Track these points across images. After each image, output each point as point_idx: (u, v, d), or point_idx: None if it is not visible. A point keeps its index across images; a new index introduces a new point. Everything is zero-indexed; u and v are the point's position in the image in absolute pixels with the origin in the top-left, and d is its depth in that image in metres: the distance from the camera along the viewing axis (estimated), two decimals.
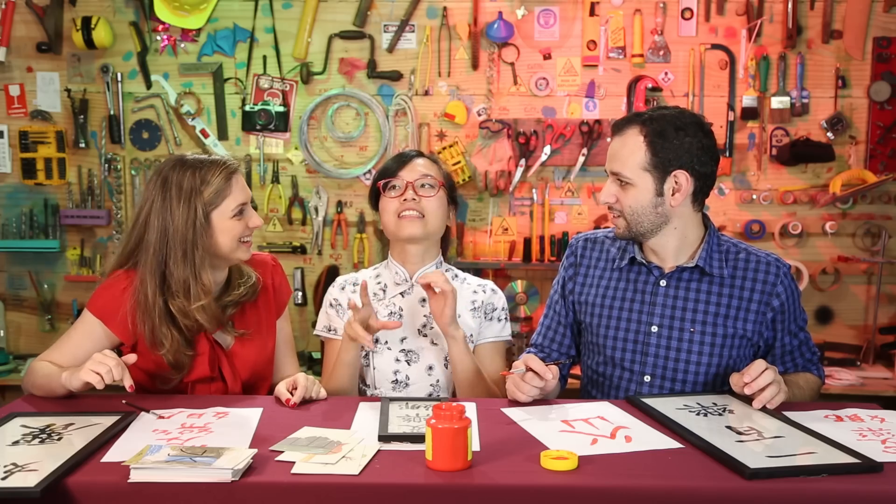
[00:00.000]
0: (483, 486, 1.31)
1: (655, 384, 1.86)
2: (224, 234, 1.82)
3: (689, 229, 1.86)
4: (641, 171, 1.78)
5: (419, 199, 1.96)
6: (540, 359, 1.72)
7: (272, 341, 1.98)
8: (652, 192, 1.79)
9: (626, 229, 1.84)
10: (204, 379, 1.85)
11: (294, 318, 3.22)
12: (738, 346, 1.85)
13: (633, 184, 1.79)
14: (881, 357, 3.11)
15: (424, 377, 1.97)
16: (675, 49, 3.12)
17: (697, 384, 1.85)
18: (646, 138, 1.78)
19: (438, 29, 3.14)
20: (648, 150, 1.77)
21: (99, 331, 1.84)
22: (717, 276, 1.85)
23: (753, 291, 1.84)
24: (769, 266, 1.86)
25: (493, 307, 2.04)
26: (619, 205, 1.82)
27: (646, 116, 1.81)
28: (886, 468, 1.34)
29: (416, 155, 2.04)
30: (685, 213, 1.84)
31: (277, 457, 1.39)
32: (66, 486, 1.29)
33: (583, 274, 1.99)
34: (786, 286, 1.85)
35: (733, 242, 1.91)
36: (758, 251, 1.90)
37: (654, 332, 1.86)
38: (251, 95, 3.18)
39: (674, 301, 1.87)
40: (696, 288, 1.86)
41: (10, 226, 3.22)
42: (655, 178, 1.78)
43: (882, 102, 3.07)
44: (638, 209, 1.80)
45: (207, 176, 1.80)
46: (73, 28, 3.07)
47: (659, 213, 1.81)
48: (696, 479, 1.32)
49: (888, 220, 3.14)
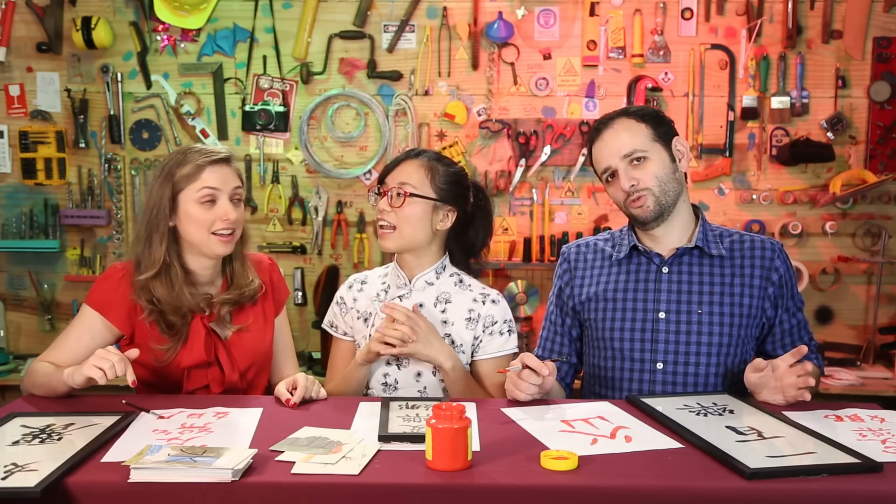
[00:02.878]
0: (483, 486, 1.30)
1: (668, 371, 1.85)
2: (191, 221, 1.83)
3: (686, 207, 1.92)
4: (651, 143, 1.85)
5: (391, 210, 1.90)
6: (531, 354, 1.72)
7: (270, 334, 1.99)
8: (667, 159, 1.86)
9: (655, 204, 1.84)
10: (201, 364, 1.84)
11: (294, 318, 3.23)
12: (746, 324, 1.87)
13: (649, 156, 1.84)
14: (881, 357, 3.12)
15: (412, 382, 1.94)
16: (675, 49, 3.12)
17: (710, 366, 1.84)
18: (638, 119, 1.87)
19: (438, 29, 3.14)
20: (647, 125, 1.86)
21: (98, 324, 1.85)
22: (716, 255, 1.88)
23: (753, 268, 1.87)
24: (764, 243, 1.90)
25: (493, 320, 1.95)
26: (641, 183, 1.84)
27: (623, 110, 1.92)
28: (886, 468, 1.34)
29: (413, 156, 1.95)
30: (684, 186, 1.91)
31: (277, 457, 1.39)
32: (66, 486, 1.29)
33: (580, 276, 1.99)
34: (783, 261, 1.89)
35: (724, 228, 1.96)
36: (749, 233, 1.94)
37: (663, 318, 1.87)
38: (251, 95, 3.18)
39: (678, 286, 1.88)
40: (698, 271, 1.88)
41: (10, 226, 3.23)
42: (663, 145, 1.86)
43: (882, 102, 3.07)
44: (663, 177, 1.84)
45: (188, 158, 1.83)
46: (73, 28, 3.08)
47: (678, 180, 1.87)
48: (696, 479, 1.32)
49: (888, 220, 3.14)
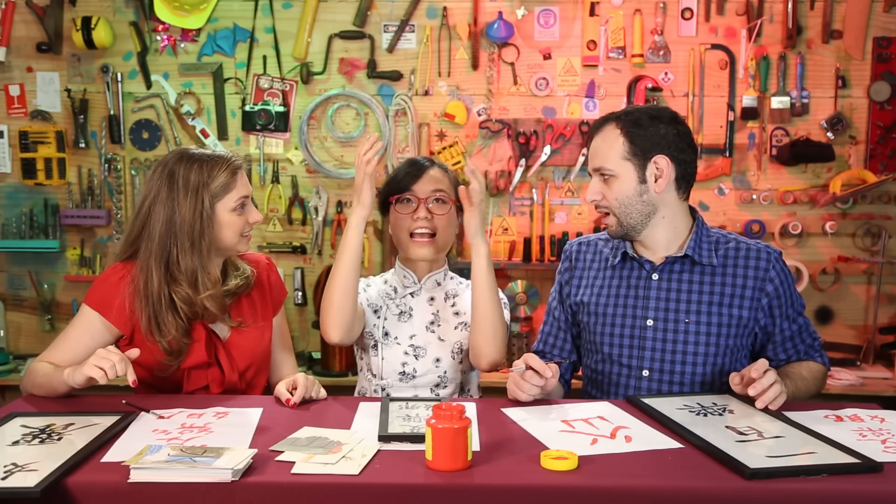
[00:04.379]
0: (483, 486, 1.30)
1: (654, 378, 1.86)
2: (226, 227, 1.87)
3: (677, 219, 1.88)
4: (622, 161, 1.81)
5: (432, 217, 1.95)
6: (535, 355, 1.73)
7: (269, 333, 2.00)
8: (635, 181, 1.82)
9: (617, 225, 1.86)
10: (201, 365, 1.85)
11: (294, 318, 3.23)
12: (735, 334, 1.85)
13: (616, 175, 1.82)
14: (881, 357, 3.12)
15: (432, 369, 1.99)
16: (675, 49, 3.12)
17: (696, 375, 1.85)
18: (622, 130, 1.83)
19: (438, 29, 3.14)
20: (626, 139, 1.82)
21: (97, 324, 1.85)
22: (707, 264, 1.86)
23: (746, 278, 1.85)
24: (760, 252, 1.87)
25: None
26: (605, 201, 1.85)
27: (620, 112, 1.87)
28: (886, 468, 1.34)
29: (428, 165, 2.00)
30: (671, 201, 1.85)
31: (277, 457, 1.39)
32: (66, 486, 1.29)
33: (578, 276, 2.00)
34: (778, 271, 1.86)
35: (722, 233, 1.93)
36: (747, 240, 1.92)
37: (650, 325, 1.87)
38: (251, 95, 3.18)
39: (667, 293, 1.87)
40: (688, 279, 1.87)
41: (10, 226, 3.22)
42: (636, 165, 1.81)
43: (882, 102, 3.07)
44: (624, 200, 1.82)
45: (214, 170, 1.85)
46: (73, 28, 3.08)
47: (645, 202, 1.83)
48: (696, 479, 1.32)
49: (888, 220, 3.14)
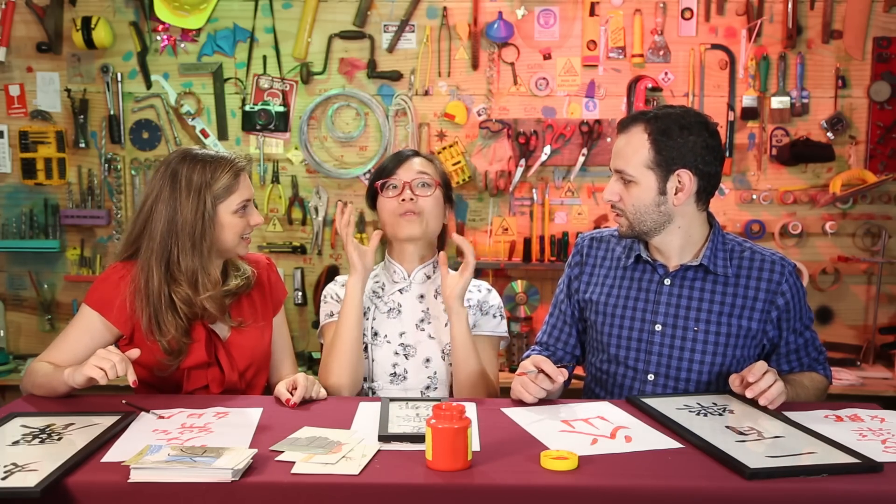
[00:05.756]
0: (483, 486, 1.30)
1: (659, 383, 1.86)
2: (227, 228, 1.87)
3: (693, 228, 1.86)
4: (645, 169, 1.78)
5: (416, 199, 1.98)
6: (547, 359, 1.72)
7: (269, 333, 2.00)
8: (655, 191, 1.78)
9: (628, 228, 1.84)
10: (200, 365, 1.85)
11: (294, 318, 3.23)
12: (743, 345, 1.85)
13: (637, 181, 1.79)
14: (881, 357, 3.11)
15: (422, 370, 1.98)
16: (675, 49, 3.12)
17: (701, 383, 1.85)
18: (650, 136, 1.77)
19: (438, 29, 3.14)
20: (652, 147, 1.77)
21: (97, 324, 1.85)
22: (721, 274, 1.85)
23: (758, 290, 1.84)
24: (774, 265, 1.85)
25: (489, 304, 2.06)
26: (622, 203, 1.82)
27: (651, 115, 1.81)
28: (886, 468, 1.34)
29: (412, 154, 2.06)
30: (689, 213, 1.83)
31: (277, 457, 1.39)
32: (66, 486, 1.29)
33: (588, 273, 1.99)
34: (791, 284, 1.84)
35: (738, 241, 1.91)
36: (763, 249, 1.89)
37: (658, 330, 1.86)
38: (251, 95, 3.18)
39: (678, 300, 1.86)
40: (700, 287, 1.86)
41: (10, 226, 3.22)
42: (658, 176, 1.78)
43: (882, 102, 3.07)
44: (640, 207, 1.80)
45: (217, 171, 1.85)
46: (73, 28, 3.07)
47: (662, 212, 1.80)
48: (696, 479, 1.32)
49: (888, 220, 3.14)
